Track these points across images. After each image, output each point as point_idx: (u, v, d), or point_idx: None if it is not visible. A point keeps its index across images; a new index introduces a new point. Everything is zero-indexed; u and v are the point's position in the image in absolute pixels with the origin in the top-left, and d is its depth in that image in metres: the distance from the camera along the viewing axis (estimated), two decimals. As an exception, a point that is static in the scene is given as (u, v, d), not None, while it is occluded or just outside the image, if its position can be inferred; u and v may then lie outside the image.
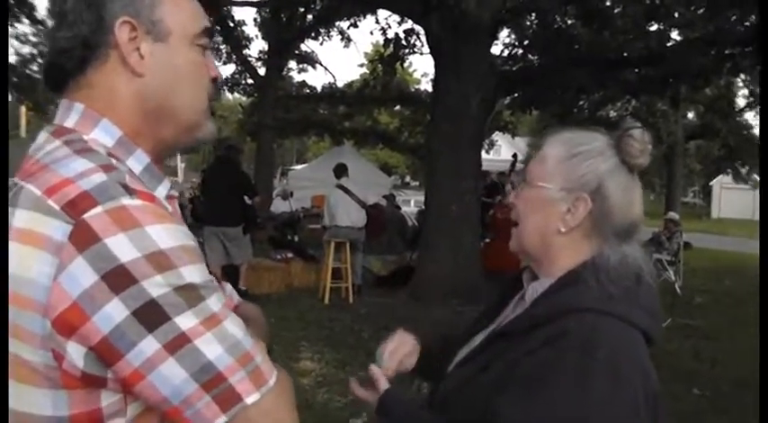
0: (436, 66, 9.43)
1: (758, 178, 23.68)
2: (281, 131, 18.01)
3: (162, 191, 1.00)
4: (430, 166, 9.66)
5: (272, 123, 16.06)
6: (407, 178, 51.08)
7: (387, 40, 10.10)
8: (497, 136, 22.17)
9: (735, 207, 38.54)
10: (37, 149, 0.94)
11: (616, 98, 13.93)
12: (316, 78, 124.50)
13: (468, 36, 8.48)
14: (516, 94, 11.40)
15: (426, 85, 33.01)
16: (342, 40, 15.72)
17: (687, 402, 5.22)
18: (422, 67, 66.25)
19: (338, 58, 68.40)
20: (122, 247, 0.81)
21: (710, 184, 40.34)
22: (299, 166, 27.84)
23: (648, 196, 29.49)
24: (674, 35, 9.23)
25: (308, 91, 17.45)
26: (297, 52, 16.90)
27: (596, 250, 1.18)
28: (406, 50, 10.16)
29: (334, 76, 36.14)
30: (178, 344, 0.83)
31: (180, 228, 0.88)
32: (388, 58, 10.23)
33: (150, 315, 0.81)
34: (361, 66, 45.98)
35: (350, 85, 20.69)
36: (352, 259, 8.69)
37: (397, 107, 19.73)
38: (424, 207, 18.23)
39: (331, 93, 17.19)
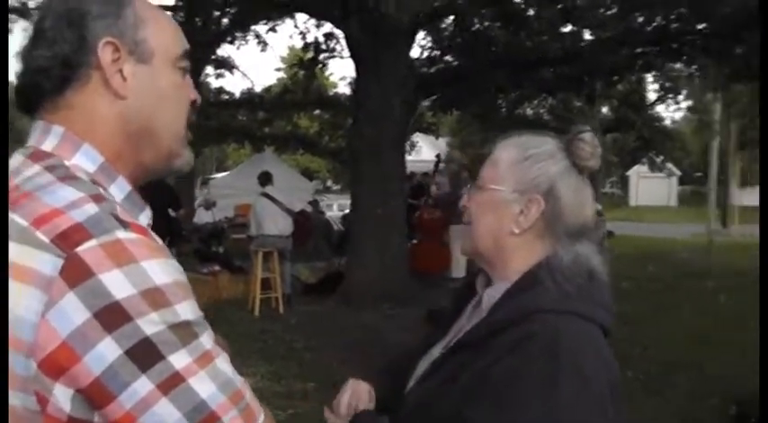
0: (357, 69, 9.43)
1: (672, 166, 24.91)
2: (200, 139, 17.62)
3: (143, 220, 0.95)
4: (354, 170, 9.64)
5: (190, 131, 15.63)
6: (329, 182, 50.98)
7: (306, 45, 10.01)
8: (418, 137, 22.36)
9: (651, 195, 40.45)
10: (14, 174, 0.87)
11: (533, 97, 14.25)
12: (233, 84, 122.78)
13: (387, 39, 8.50)
14: (437, 96, 11.52)
15: (344, 89, 33.04)
16: (258, 44, 15.51)
17: (622, 385, 5.35)
18: (339, 70, 66.01)
19: (255, 63, 67.51)
20: (117, 283, 0.76)
21: (627, 173, 41.86)
22: (219, 175, 27.31)
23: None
24: (588, 35, 9.51)
25: (226, 97, 17.10)
26: (213, 57, 16.54)
27: (549, 250, 1.20)
28: (326, 54, 10.10)
29: (251, 82, 35.55)
30: (172, 383, 0.79)
31: (172, 262, 0.84)
32: (309, 62, 10.14)
33: (144, 354, 0.77)
34: (279, 70, 45.60)
35: (268, 89, 20.43)
36: (280, 268, 8.56)
37: (317, 111, 19.58)
38: (348, 211, 18.27)
39: (250, 98, 16.91)
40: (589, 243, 1.22)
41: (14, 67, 0.98)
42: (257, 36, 15.10)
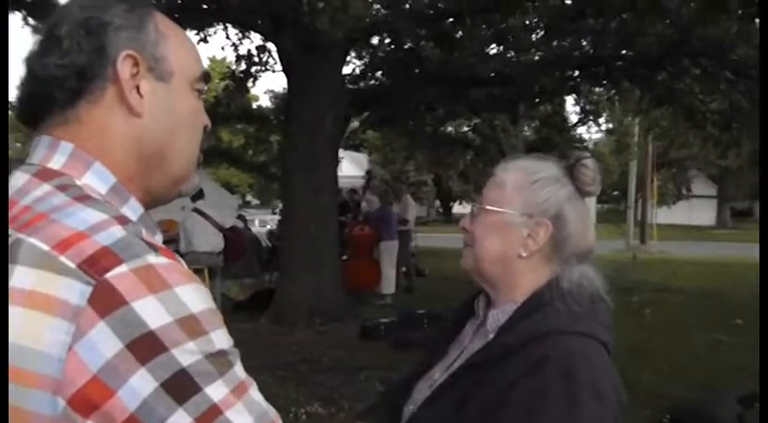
0: (289, 84, 9.35)
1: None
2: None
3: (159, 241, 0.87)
4: (286, 186, 9.52)
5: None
6: (248, 197, 50.48)
7: (239, 57, 9.85)
8: (341, 152, 22.40)
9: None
10: (21, 194, 0.79)
11: (458, 115, 14.46)
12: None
13: (321, 54, 8.46)
14: (368, 112, 11.53)
15: (266, 102, 32.67)
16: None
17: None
18: (262, 83, 65.64)
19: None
20: (152, 311, 0.71)
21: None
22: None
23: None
24: (521, 58, 9.77)
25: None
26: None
27: (555, 273, 1.22)
28: (259, 68, 9.96)
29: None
30: (210, 416, 0.74)
31: (203, 288, 0.79)
32: (241, 74, 9.98)
33: (181, 386, 0.72)
34: (199, 81, 44.87)
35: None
36: (210, 286, 8.32)
37: (240, 125, 19.27)
38: (270, 226, 18.01)
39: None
40: (592, 266, 1.25)
41: (17, 74, 0.89)
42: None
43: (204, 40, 9.71)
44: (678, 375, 6.39)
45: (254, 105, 21.57)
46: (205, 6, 8.99)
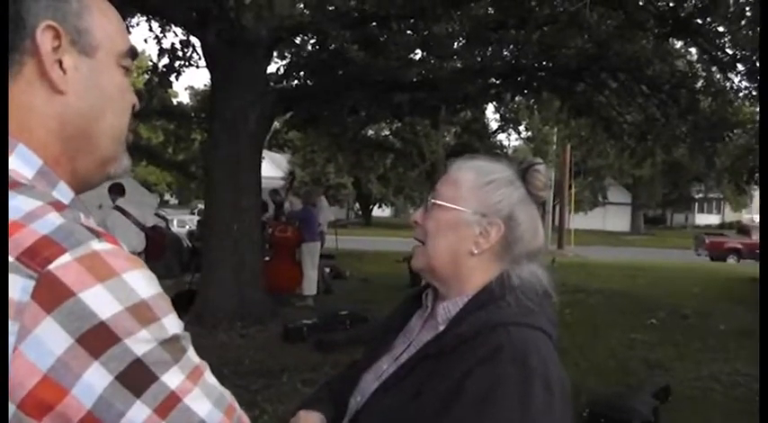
0: (213, 80, 9.18)
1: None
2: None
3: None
4: (208, 184, 9.34)
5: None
6: (166, 196, 49.34)
7: (162, 50, 9.59)
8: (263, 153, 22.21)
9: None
10: None
11: (380, 118, 14.55)
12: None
13: (245, 51, 8.35)
14: (292, 112, 11.44)
15: (186, 98, 31.98)
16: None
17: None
18: (183, 79, 64.08)
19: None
20: (101, 301, 0.67)
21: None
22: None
23: (409, 210, 31.36)
24: (444, 64, 9.90)
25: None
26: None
27: (505, 270, 1.26)
28: (182, 62, 9.72)
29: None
30: (169, 405, 0.71)
31: (150, 273, 0.75)
32: (164, 68, 9.71)
33: (137, 377, 0.69)
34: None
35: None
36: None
37: (159, 122, 18.73)
38: (189, 227, 17.61)
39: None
40: (541, 265, 1.31)
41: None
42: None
43: (127, 31, 9.40)
44: (596, 372, 6.64)
45: (174, 102, 21.05)
46: (129, -3, 8.72)
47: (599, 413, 5.07)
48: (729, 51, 8.76)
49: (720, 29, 8.62)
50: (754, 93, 9.12)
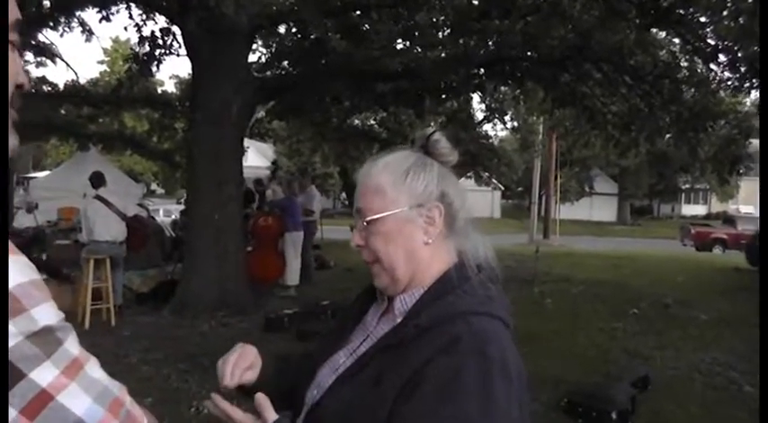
0: (194, 69, 9.12)
1: (496, 181, 26.54)
2: (20, 135, 16.03)
3: None
4: (190, 173, 9.29)
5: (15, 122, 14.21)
6: (153, 186, 49.04)
7: (142, 38, 9.49)
8: (246, 142, 22.12)
9: (475, 207, 42.47)
10: None
11: (364, 108, 14.49)
12: (54, 74, 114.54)
13: (226, 39, 8.29)
14: (274, 102, 11.38)
15: (171, 87, 31.71)
16: (83, 32, 14.33)
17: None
18: (167, 68, 63.44)
19: (76, 53, 63.08)
20: None
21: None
22: (38, 174, 25.34)
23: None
24: (427, 53, 9.86)
25: (48, 88, 15.73)
26: (33, 43, 15.11)
27: (458, 249, 1.27)
28: (163, 51, 9.62)
29: (76, 73, 33.24)
30: (39, 404, 0.66)
31: (23, 259, 0.71)
32: (144, 57, 9.62)
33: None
34: (102, 63, 43.03)
35: (94, 83, 19.04)
36: (112, 277, 8.02)
37: (144, 111, 18.53)
38: (175, 216, 17.51)
39: (75, 91, 15.68)
40: (478, 232, 1.31)
41: None
42: (82, 24, 14.02)
43: (107, 18, 9.30)
44: (576, 361, 6.66)
45: (159, 90, 20.83)
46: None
47: (577, 402, 5.09)
48: (711, 42, 8.77)
49: (703, 19, 8.61)
50: (736, 83, 9.13)
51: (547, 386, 5.59)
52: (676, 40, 10.10)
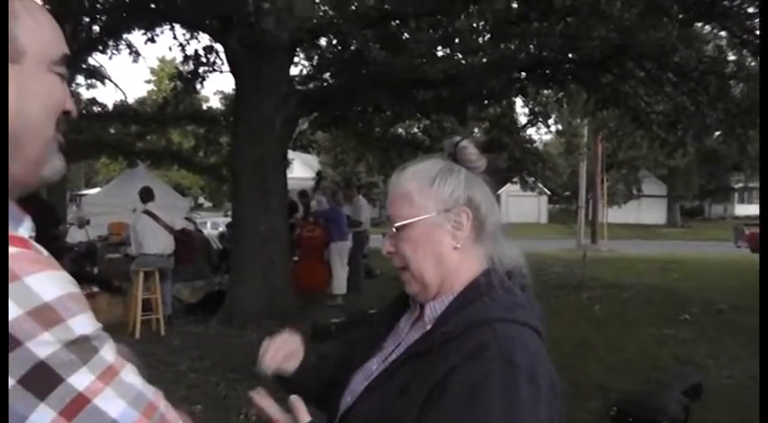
0: (237, 84, 9.28)
1: (542, 186, 26.21)
2: (72, 154, 16.60)
3: (24, 233, 0.84)
4: (235, 187, 9.45)
5: (62, 145, 14.68)
6: (200, 199, 49.88)
7: (186, 57, 9.72)
8: (291, 154, 22.32)
9: (522, 213, 42.26)
10: None
11: (407, 116, 14.51)
12: (103, 95, 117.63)
13: (268, 55, 8.41)
14: (317, 114, 11.49)
15: (216, 103, 32.29)
16: (130, 53, 14.85)
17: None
18: (211, 84, 64.86)
19: (123, 74, 64.85)
20: None
21: (499, 193, 43.43)
22: (89, 191, 26.02)
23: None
24: (467, 59, 9.83)
25: (99, 109, 16.25)
26: (84, 66, 15.66)
27: (488, 256, 1.29)
28: (207, 68, 9.84)
29: (124, 93, 34.20)
30: (77, 407, 0.71)
31: (62, 274, 0.76)
32: (188, 75, 9.84)
33: (40, 380, 0.69)
34: (149, 82, 44.20)
35: (142, 102, 19.51)
36: (161, 288, 8.22)
37: (190, 127, 18.97)
38: (222, 229, 17.80)
39: (124, 111, 16.16)
40: (507, 239, 1.33)
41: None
42: (129, 46, 14.49)
43: (152, 39, 9.55)
44: (626, 369, 6.52)
45: (205, 106, 21.26)
46: (153, 6, 8.86)
47: (627, 411, 4.97)
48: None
49: (750, 10, 8.37)
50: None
51: (596, 394, 5.51)
52: (723, 34, 9.85)
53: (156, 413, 0.80)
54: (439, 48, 10.23)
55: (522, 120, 17.45)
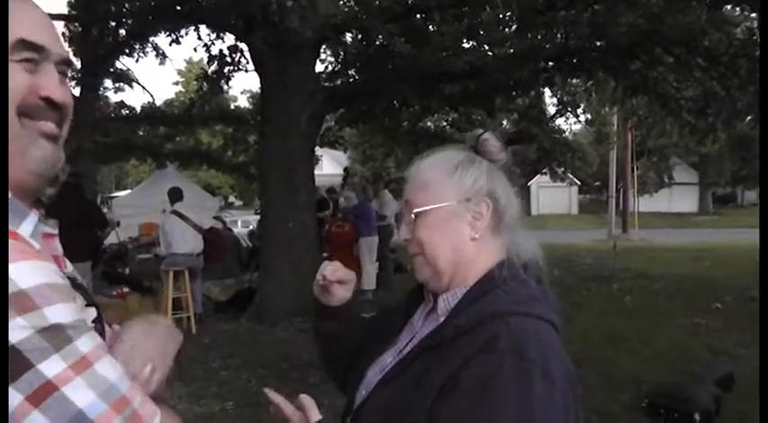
0: (262, 83, 9.32)
1: (572, 176, 25.99)
2: (102, 157, 16.88)
3: (27, 226, 0.85)
4: (263, 185, 9.51)
5: (92, 148, 15.00)
6: (231, 198, 50.23)
7: (211, 57, 9.80)
8: (320, 151, 22.41)
9: (552, 204, 41.94)
10: None
11: (435, 110, 14.46)
12: (131, 97, 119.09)
13: (292, 53, 8.44)
14: (343, 110, 11.52)
15: (244, 102, 32.54)
16: (157, 56, 15.02)
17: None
18: (238, 83, 65.28)
19: (151, 76, 65.63)
20: None
21: (529, 184, 43.09)
22: (120, 193, 26.37)
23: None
24: (493, 51, 9.77)
25: (127, 112, 16.48)
26: (112, 70, 15.89)
27: (505, 247, 1.28)
28: (232, 68, 9.91)
29: (152, 96, 34.56)
30: (44, 393, 0.72)
31: (45, 264, 0.77)
32: (214, 75, 9.92)
33: (11, 364, 0.70)
34: (177, 84, 44.66)
35: (169, 103, 19.69)
36: (191, 287, 8.31)
37: (217, 126, 19.16)
38: (252, 227, 17.95)
39: (152, 113, 16.36)
40: (525, 231, 1.32)
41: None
42: (155, 48, 14.67)
43: (177, 41, 9.65)
44: (657, 360, 6.45)
45: (232, 106, 21.43)
46: (178, 8, 8.94)
47: (658, 403, 4.92)
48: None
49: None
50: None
51: (627, 386, 5.45)
52: (753, 15, 9.64)
53: (127, 408, 0.79)
54: (464, 40, 10.17)
55: (551, 110, 17.33)
